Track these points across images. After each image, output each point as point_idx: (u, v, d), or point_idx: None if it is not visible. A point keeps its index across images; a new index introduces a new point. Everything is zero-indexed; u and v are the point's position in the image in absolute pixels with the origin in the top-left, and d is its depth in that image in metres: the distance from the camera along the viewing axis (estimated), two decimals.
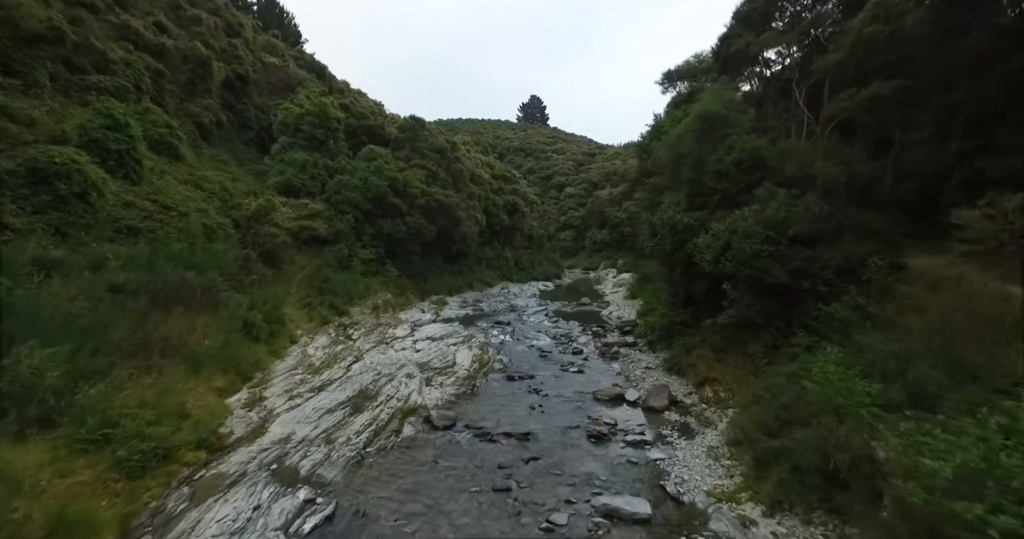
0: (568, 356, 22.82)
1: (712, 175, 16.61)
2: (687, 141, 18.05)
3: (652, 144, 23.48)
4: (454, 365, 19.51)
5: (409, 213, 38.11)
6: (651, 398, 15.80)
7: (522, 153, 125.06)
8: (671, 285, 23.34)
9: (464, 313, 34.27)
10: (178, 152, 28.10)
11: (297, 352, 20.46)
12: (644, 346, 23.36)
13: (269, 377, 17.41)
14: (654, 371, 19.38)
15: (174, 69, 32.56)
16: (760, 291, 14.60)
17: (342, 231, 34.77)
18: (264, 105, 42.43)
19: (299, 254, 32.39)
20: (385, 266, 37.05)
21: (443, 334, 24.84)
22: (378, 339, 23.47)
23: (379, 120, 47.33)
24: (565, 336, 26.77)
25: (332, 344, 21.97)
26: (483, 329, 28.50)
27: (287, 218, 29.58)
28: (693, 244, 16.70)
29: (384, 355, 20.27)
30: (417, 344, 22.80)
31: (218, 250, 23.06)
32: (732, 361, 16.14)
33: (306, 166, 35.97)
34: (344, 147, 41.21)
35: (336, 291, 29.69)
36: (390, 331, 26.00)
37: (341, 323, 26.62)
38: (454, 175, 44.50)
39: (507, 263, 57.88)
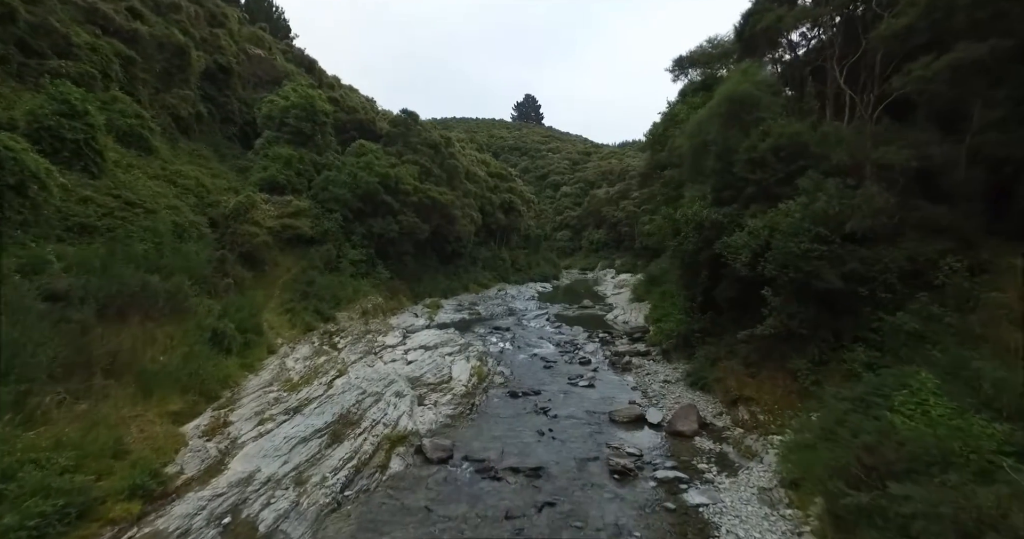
0: (575, 367, 20.65)
1: (743, 164, 14.52)
2: (711, 127, 15.95)
3: (665, 134, 21.44)
4: (450, 380, 17.29)
5: (401, 211, 35.83)
6: (678, 420, 13.64)
7: (517, 152, 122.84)
8: (688, 288, 21.22)
9: (460, 317, 32.06)
10: (149, 145, 25.71)
11: (275, 365, 18.20)
12: (658, 355, 21.24)
13: (239, 396, 15.15)
14: (674, 386, 17.24)
15: (148, 57, 30.11)
16: (806, 297, 12.49)
17: (330, 230, 32.47)
18: (249, 98, 40.01)
19: (283, 255, 30.10)
20: (376, 267, 34.77)
21: (437, 342, 22.60)
22: (366, 349, 21.20)
23: (370, 115, 45.04)
24: (570, 343, 24.60)
25: (315, 355, 19.71)
26: (481, 336, 26.30)
27: (269, 216, 27.28)
28: (723, 243, 14.59)
29: (371, 368, 18.02)
30: (409, 354, 20.56)
31: (189, 251, 20.80)
32: (768, 377, 14.01)
33: (291, 161, 33.69)
34: (333, 142, 38.93)
35: (322, 295, 27.41)
36: (380, 339, 23.74)
37: (326, 330, 24.36)
38: (449, 172, 42.25)
39: (504, 264, 55.68)
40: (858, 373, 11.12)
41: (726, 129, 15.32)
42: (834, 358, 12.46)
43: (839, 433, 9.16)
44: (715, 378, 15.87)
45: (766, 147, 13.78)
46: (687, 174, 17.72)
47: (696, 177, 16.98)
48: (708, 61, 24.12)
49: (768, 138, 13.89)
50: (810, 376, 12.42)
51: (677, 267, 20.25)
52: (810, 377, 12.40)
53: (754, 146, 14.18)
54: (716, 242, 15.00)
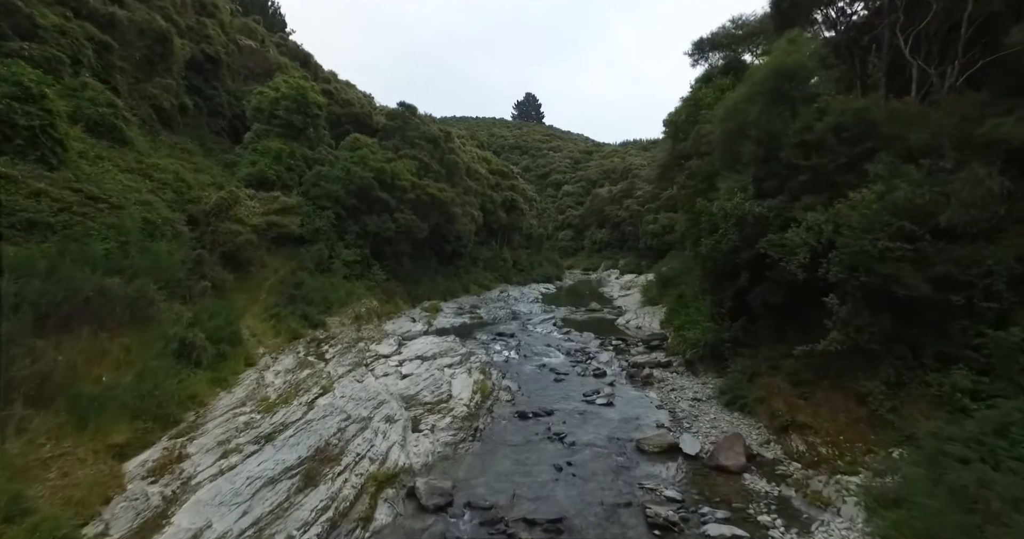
0: (589, 380, 18.39)
1: (793, 149, 12.28)
2: (750, 109, 13.71)
3: (688, 121, 19.24)
4: (449, 398, 15.01)
5: (398, 209, 33.58)
6: (721, 452, 11.36)
7: (518, 151, 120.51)
8: (714, 292, 18.95)
9: (460, 322, 29.78)
10: (123, 136, 23.42)
11: (251, 379, 15.94)
12: (681, 366, 18.97)
13: (204, 419, 12.88)
14: (706, 405, 14.97)
15: (127, 44, 27.86)
16: (880, 307, 10.23)
17: (321, 229, 30.24)
18: (239, 91, 37.73)
19: (271, 256, 27.85)
20: (371, 268, 32.53)
21: (436, 351, 20.32)
22: (356, 360, 18.92)
23: (366, 108, 42.77)
24: (580, 351, 22.33)
25: (298, 367, 17.44)
26: (483, 343, 24.02)
27: (254, 213, 25.01)
28: (769, 241, 12.34)
29: (360, 384, 15.74)
30: (404, 366, 18.28)
31: (160, 251, 18.50)
32: (826, 400, 11.75)
33: (281, 156, 31.43)
34: (326, 136, 36.64)
35: (311, 299, 25.16)
36: (372, 347, 21.46)
37: (314, 338, 22.10)
38: (448, 167, 39.99)
39: (505, 264, 53.42)
40: (958, 401, 8.85)
41: (770, 109, 13.09)
42: (914, 380, 10.21)
43: (950, 484, 6.91)
44: (756, 398, 13.60)
45: (824, 127, 11.54)
46: (719, 163, 15.53)
47: (731, 166, 14.78)
48: (732, 43, 21.87)
49: (826, 117, 11.66)
50: (885, 401, 10.15)
51: (703, 268, 17.98)
52: (885, 403, 10.14)
53: (808, 127, 11.94)
54: (760, 240, 12.74)
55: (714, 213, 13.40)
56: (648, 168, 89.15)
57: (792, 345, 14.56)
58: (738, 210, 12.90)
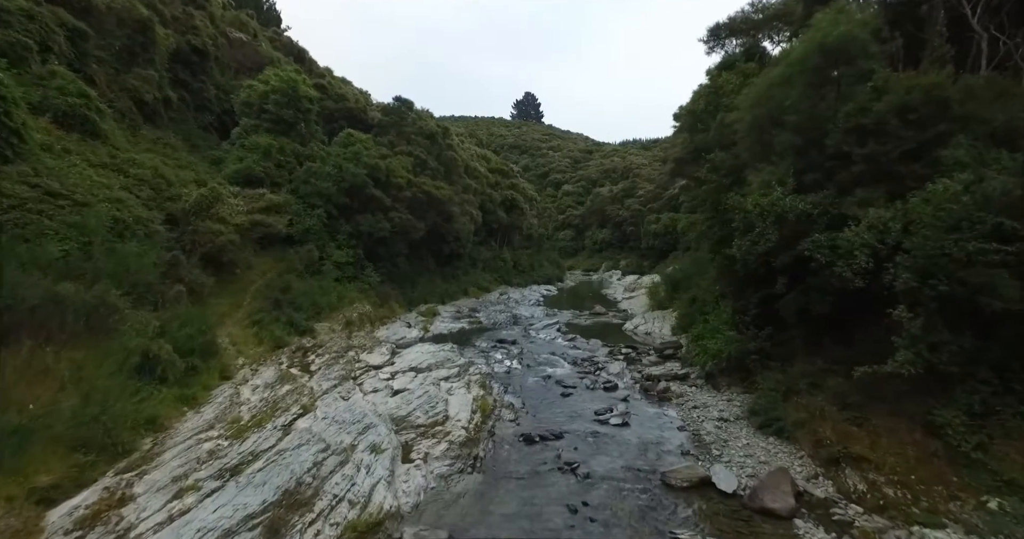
0: (600, 394, 16.61)
1: (845, 135, 10.52)
2: (789, 91, 11.94)
3: (708, 110, 17.43)
4: (446, 419, 13.20)
5: (393, 207, 31.76)
6: (765, 491, 9.55)
7: (517, 150, 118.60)
8: (736, 298, 17.17)
9: (459, 327, 27.95)
10: (96, 128, 21.59)
11: (225, 396, 14.14)
12: (699, 379, 17.19)
13: (162, 447, 11.08)
14: (735, 427, 13.17)
15: (105, 33, 26.02)
16: (962, 322, 8.45)
17: (312, 228, 28.46)
18: (228, 85, 35.89)
19: (258, 257, 26.05)
20: (364, 270, 30.71)
21: (432, 362, 18.51)
22: (343, 372, 17.09)
23: (361, 104, 40.91)
24: (588, 361, 20.52)
25: (279, 381, 15.63)
26: (483, 351, 22.20)
27: (237, 212, 23.17)
28: (815, 242, 10.56)
29: (346, 402, 13.92)
30: (396, 380, 16.47)
31: (128, 252, 16.70)
32: (887, 429, 9.97)
33: (271, 152, 29.61)
34: (318, 132, 34.85)
35: (299, 303, 23.35)
36: (363, 357, 19.65)
37: (300, 346, 20.28)
38: (446, 165, 38.17)
39: (505, 265, 51.59)
40: None
41: (813, 91, 11.32)
42: (1005, 409, 8.42)
43: None
44: (796, 421, 11.80)
45: (885, 109, 9.78)
46: (747, 155, 13.77)
47: (762, 157, 13.02)
48: (751, 28, 20.06)
49: (886, 97, 9.90)
50: (968, 436, 8.37)
51: (727, 271, 16.22)
52: (968, 437, 8.35)
53: (863, 109, 10.18)
54: (802, 240, 10.95)
55: (749, 210, 11.63)
56: (649, 166, 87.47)
57: (830, 359, 12.90)
58: (777, 207, 11.13)
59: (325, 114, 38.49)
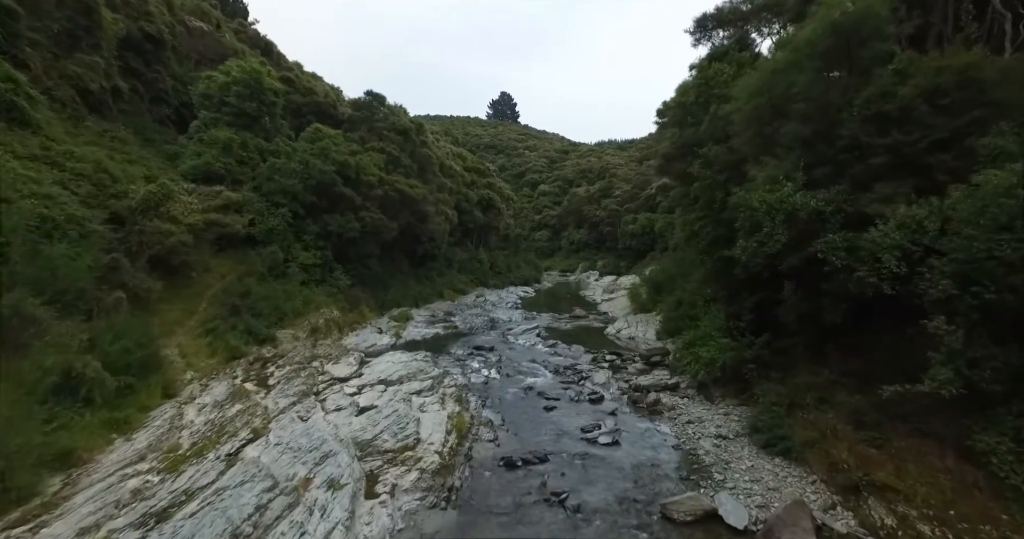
0: (586, 407, 15.31)
1: (863, 124, 9.41)
2: (795, 77, 10.79)
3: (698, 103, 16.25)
4: (417, 443, 11.68)
5: (364, 206, 30.00)
6: (782, 529, 8.30)
7: (493, 150, 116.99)
8: (729, 303, 16.07)
9: (433, 333, 26.37)
10: (26, 116, 19.40)
11: (165, 418, 12.35)
12: (690, 389, 16.03)
13: (73, 489, 9.31)
14: (735, 445, 11.98)
15: (42, 14, 23.62)
16: (1006, 333, 7.34)
17: (276, 229, 26.52)
18: (187, 77, 33.51)
19: (218, 259, 24.04)
20: (333, 273, 28.88)
21: (403, 374, 16.96)
22: (304, 387, 15.40)
23: (331, 98, 38.92)
24: (571, 369, 19.21)
25: (230, 399, 13.88)
26: (459, 359, 20.69)
27: (191, 210, 21.20)
28: (830, 244, 9.42)
29: (304, 424, 12.29)
30: (362, 395, 14.87)
31: (57, 255, 14.72)
32: (913, 453, 8.86)
33: (232, 147, 27.53)
34: (284, 127, 32.81)
35: (259, 309, 21.52)
36: (327, 368, 17.96)
37: (259, 357, 18.49)
38: (420, 162, 36.49)
39: (482, 266, 50.05)
40: None
41: (824, 76, 10.21)
42: None
43: None
44: (804, 440, 10.65)
45: (912, 93, 8.69)
46: (748, 148, 12.63)
47: (764, 151, 11.89)
48: (739, 19, 19.04)
49: (912, 79, 8.80)
50: (1017, 465, 7.26)
51: (718, 273, 15.12)
52: (1017, 467, 7.25)
53: (885, 94, 9.08)
54: (814, 241, 9.80)
55: (756, 208, 10.45)
56: (626, 167, 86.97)
57: (838, 370, 11.83)
58: (786, 204, 9.96)
59: (292, 109, 36.44)
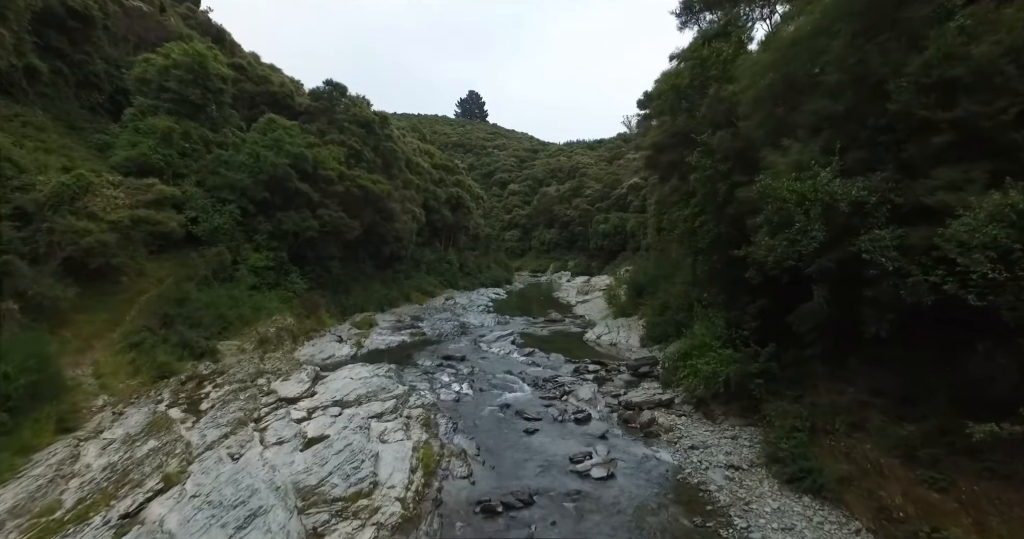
0: (571, 429, 13.35)
1: (918, 95, 7.68)
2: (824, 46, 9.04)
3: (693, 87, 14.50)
4: (374, 487, 9.45)
5: (323, 203, 27.40)
6: None
7: (462, 149, 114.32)
8: (729, 308, 14.36)
9: (399, 340, 24.00)
10: None
11: (51, 463, 9.78)
12: (686, 405, 14.25)
13: None
14: (752, 478, 10.19)
15: None
16: None
17: (222, 227, 23.72)
18: (124, 61, 30.17)
19: (153, 262, 21.15)
20: (289, 276, 26.19)
21: (362, 392, 14.66)
22: (242, 413, 12.90)
23: (287, 88, 35.99)
24: (551, 382, 17.23)
25: (145, 433, 11.34)
26: (427, 372, 18.45)
27: (115, 206, 18.34)
28: (876, 241, 7.69)
29: (233, 465, 9.90)
30: (312, 421, 12.52)
31: None
32: (992, 499, 7.15)
33: (172, 137, 24.53)
34: (234, 117, 29.83)
35: (198, 319, 18.86)
36: (275, 386, 15.49)
37: (194, 375, 15.86)
38: (385, 157, 33.96)
39: (451, 267, 47.69)
40: None
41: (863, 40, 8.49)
42: None
43: None
44: (839, 476, 8.89)
45: (991, 53, 6.99)
46: (761, 132, 10.88)
47: (779, 134, 10.16)
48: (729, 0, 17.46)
49: (991, 36, 7.10)
50: None
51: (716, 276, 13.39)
52: None
53: (949, 56, 7.37)
54: (854, 238, 8.05)
55: (786, 199, 8.64)
56: (596, 166, 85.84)
57: (867, 388, 10.16)
58: (823, 194, 8.20)
59: (245, 99, 33.46)
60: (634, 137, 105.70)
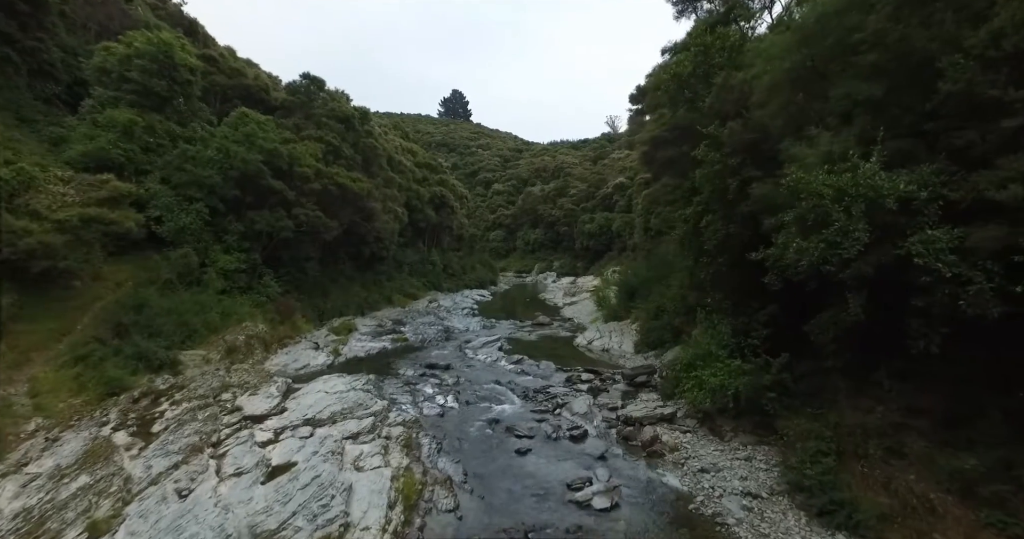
0: (567, 447, 12.10)
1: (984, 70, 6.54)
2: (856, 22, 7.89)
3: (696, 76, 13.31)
4: (346, 529, 8.06)
5: (298, 202, 25.74)
6: None
7: (445, 148, 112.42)
8: (736, 314, 13.23)
9: (380, 347, 22.48)
10: None
11: None
12: (688, 418, 13.10)
13: None
14: (774, 508, 9.00)
15: None
16: None
17: (188, 228, 21.99)
18: (83, 50, 28.16)
19: (111, 266, 19.42)
20: (262, 279, 24.51)
21: (337, 409, 13.22)
22: (197, 438, 11.35)
23: (262, 81, 34.15)
24: (543, 393, 15.95)
25: (79, 465, 9.76)
26: (409, 383, 17.01)
27: (62, 203, 16.58)
28: (928, 243, 6.57)
29: (179, 504, 8.41)
30: (278, 445, 11.06)
31: None
32: None
33: (134, 131, 22.71)
34: (204, 111, 27.99)
35: (159, 327, 17.18)
36: (241, 402, 13.95)
37: (149, 390, 14.23)
38: (365, 154, 32.34)
39: (435, 269, 46.15)
40: None
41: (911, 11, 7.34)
42: None
43: None
44: (880, 513, 7.75)
45: None
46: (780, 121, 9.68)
47: (802, 122, 9.00)
48: None
49: None
50: None
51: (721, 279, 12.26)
52: None
53: None
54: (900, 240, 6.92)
55: (821, 194, 7.44)
56: (581, 166, 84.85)
57: (902, 406, 9.06)
58: (865, 189, 7.02)
59: (217, 92, 31.57)
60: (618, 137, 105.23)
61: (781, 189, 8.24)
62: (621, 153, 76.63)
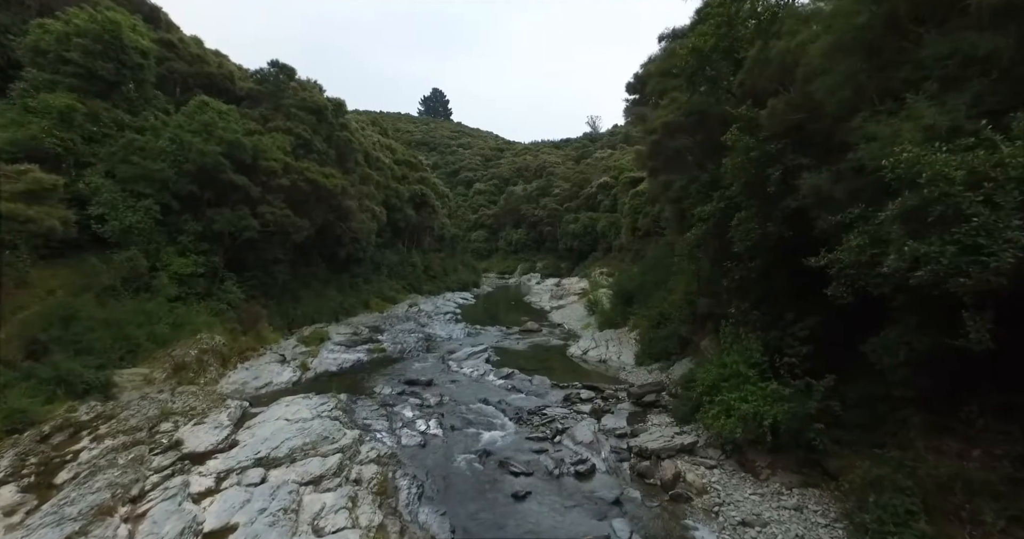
0: (573, 488, 9.99)
1: None
2: None
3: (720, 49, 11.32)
4: None
5: (264, 199, 23.15)
6: None
7: (426, 147, 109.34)
8: (767, 327, 11.27)
9: (353, 359, 20.03)
10: None
11: None
12: (710, 448, 11.08)
13: None
14: None
15: None
16: None
17: (136, 227, 19.32)
18: (19, 29, 25.08)
19: (43, 271, 16.73)
20: (223, 284, 21.87)
21: (298, 442, 10.88)
22: (109, 493, 8.89)
23: (227, 68, 31.27)
24: (538, 415, 13.79)
25: None
26: (385, 404, 14.67)
27: None
28: None
29: None
30: (219, 496, 8.68)
31: None
32: None
33: (73, 119, 19.91)
34: (160, 99, 25.10)
35: (88, 342, 14.53)
36: (182, 434, 11.48)
37: (63, 424, 11.65)
38: (339, 148, 29.78)
39: (415, 270, 43.66)
40: None
41: None
42: None
43: None
44: None
45: None
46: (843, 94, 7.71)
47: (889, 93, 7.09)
48: None
49: None
50: None
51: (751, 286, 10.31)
52: None
53: None
54: None
55: (950, 179, 5.50)
56: (563, 165, 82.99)
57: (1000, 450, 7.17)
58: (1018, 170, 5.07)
59: (177, 80, 28.63)
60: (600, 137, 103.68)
61: (885, 172, 6.20)
62: (604, 153, 75.02)
